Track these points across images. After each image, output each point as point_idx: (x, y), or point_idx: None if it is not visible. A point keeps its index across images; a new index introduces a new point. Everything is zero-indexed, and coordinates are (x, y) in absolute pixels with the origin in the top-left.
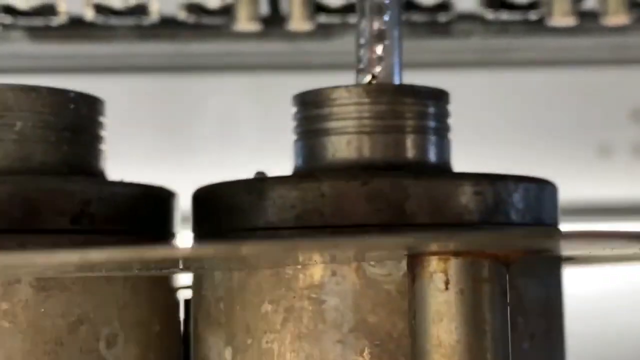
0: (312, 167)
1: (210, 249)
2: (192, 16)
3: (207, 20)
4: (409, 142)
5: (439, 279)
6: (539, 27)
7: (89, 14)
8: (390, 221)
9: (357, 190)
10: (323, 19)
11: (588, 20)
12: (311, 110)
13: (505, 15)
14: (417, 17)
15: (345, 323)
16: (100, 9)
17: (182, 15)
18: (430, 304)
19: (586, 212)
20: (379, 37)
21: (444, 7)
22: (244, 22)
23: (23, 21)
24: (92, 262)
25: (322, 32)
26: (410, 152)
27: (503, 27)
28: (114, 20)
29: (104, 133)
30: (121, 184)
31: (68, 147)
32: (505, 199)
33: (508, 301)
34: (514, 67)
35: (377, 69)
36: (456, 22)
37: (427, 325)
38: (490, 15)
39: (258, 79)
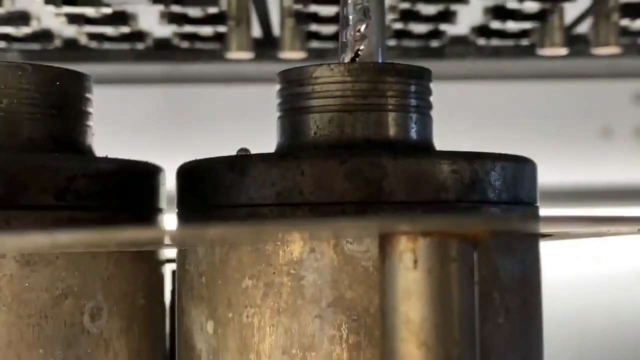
0: (294, 144)
1: (178, 232)
2: (185, 42)
3: (200, 45)
4: (391, 120)
5: (407, 258)
6: (531, 50)
7: (83, 40)
8: (368, 199)
9: (336, 168)
10: (315, 44)
11: (579, 43)
12: (294, 88)
13: (496, 42)
14: (409, 43)
15: (323, 298)
16: (93, 36)
17: (176, 40)
18: (399, 282)
19: (588, 196)
20: (362, 15)
21: (436, 34)
22: (236, 52)
23: (18, 46)
24: (61, 244)
25: (316, 54)
26: (392, 130)
27: (495, 51)
28: (108, 45)
29: (90, 109)
30: (106, 160)
31: (54, 124)
32: (482, 178)
33: (476, 279)
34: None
35: (360, 47)
36: (449, 45)
37: (396, 303)
38: (482, 41)
39: (252, 89)
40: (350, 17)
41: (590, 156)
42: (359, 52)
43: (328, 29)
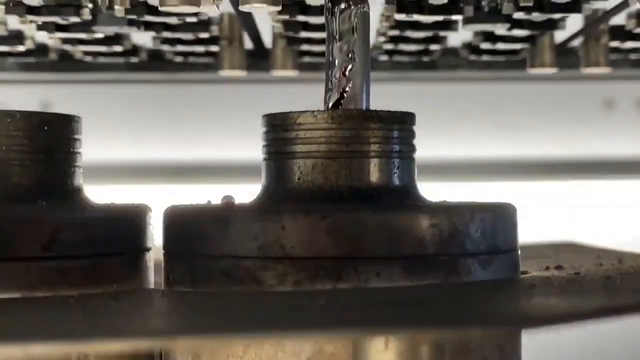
0: (278, 190)
1: (149, 343)
2: (179, 57)
3: (194, 59)
4: (373, 167)
5: (379, 339)
6: (523, 64)
7: (78, 55)
8: (348, 253)
9: (317, 224)
10: (307, 58)
11: (571, 55)
12: (278, 133)
13: (487, 57)
14: (400, 58)
15: (303, 352)
16: (88, 53)
17: (169, 55)
18: None
19: (592, 167)
20: (347, 57)
21: (426, 52)
22: (229, 70)
23: (13, 59)
24: (35, 356)
25: (309, 67)
26: (375, 177)
27: (487, 64)
28: (103, 59)
29: (79, 150)
30: (93, 208)
31: (43, 168)
32: (461, 230)
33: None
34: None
35: (346, 89)
36: (441, 57)
37: None
38: (473, 57)
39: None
40: (336, 58)
41: (593, 128)
42: (344, 94)
43: (320, 48)
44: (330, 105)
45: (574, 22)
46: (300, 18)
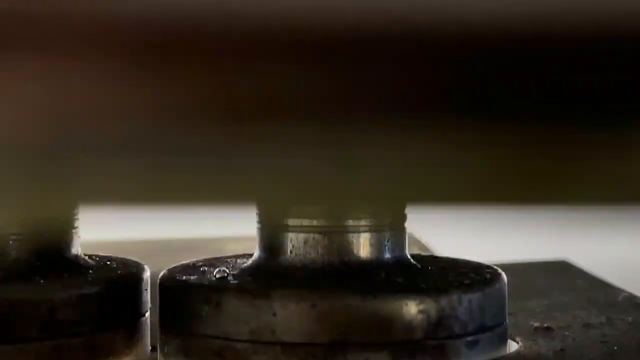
0: (271, 263)
1: None
2: None
3: None
4: (365, 241)
5: None
6: None
7: None
8: (338, 340)
9: (307, 311)
10: None
11: None
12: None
13: None
14: None
15: None
16: None
17: None
18: None
19: None
20: None
21: None
22: None
23: None
24: None
25: None
26: (366, 252)
27: None
28: None
29: (77, 216)
30: (89, 280)
31: (40, 240)
32: (449, 314)
33: None
34: None
35: None
36: None
37: None
38: None
39: None
40: None
41: None
42: None
43: None
44: None
45: None
46: None
